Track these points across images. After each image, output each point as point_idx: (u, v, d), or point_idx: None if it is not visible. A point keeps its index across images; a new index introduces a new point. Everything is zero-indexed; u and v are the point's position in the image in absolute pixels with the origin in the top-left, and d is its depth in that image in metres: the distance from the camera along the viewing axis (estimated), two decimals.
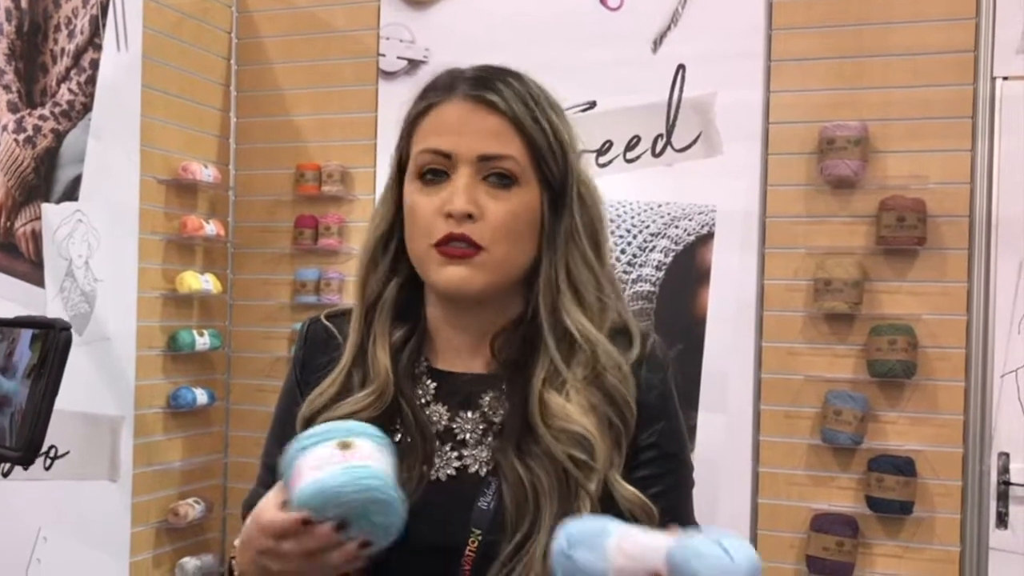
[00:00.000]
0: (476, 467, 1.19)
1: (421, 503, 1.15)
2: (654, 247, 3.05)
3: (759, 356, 2.99)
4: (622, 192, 3.09)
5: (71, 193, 2.89)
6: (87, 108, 2.95)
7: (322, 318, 1.31)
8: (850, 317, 2.89)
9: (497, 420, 1.20)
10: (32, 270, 2.77)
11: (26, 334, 0.72)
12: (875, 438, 2.87)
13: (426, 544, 1.15)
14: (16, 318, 0.76)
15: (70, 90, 2.92)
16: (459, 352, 1.24)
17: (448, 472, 1.20)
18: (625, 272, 3.06)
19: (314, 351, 1.29)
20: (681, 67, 3.05)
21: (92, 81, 2.98)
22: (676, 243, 3.03)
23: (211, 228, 3.38)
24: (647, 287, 3.04)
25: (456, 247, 1.14)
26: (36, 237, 2.79)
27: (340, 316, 1.30)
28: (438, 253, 1.15)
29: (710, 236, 3.01)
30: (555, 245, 1.18)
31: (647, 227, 3.06)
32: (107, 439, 2.83)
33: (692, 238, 3.03)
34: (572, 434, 1.15)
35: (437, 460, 1.20)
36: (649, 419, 1.19)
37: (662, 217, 3.06)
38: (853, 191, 2.90)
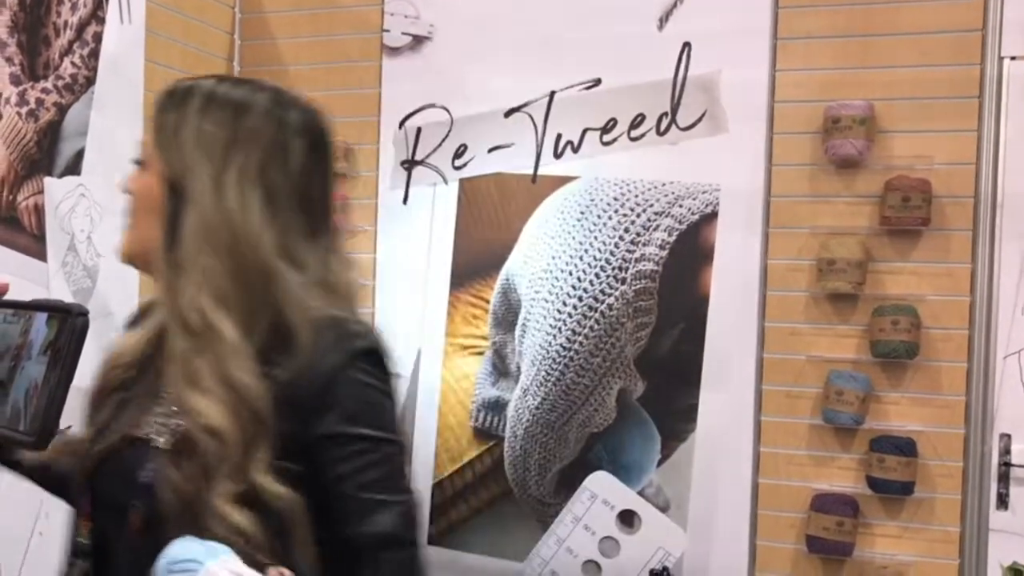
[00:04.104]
0: (160, 434, 1.22)
1: (115, 446, 1.23)
2: (657, 226, 3.04)
3: (762, 336, 2.99)
4: (626, 170, 3.08)
5: (74, 167, 2.89)
6: (90, 81, 2.94)
7: None
8: (853, 297, 2.89)
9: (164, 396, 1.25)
10: (34, 244, 2.77)
11: (42, 316, 0.71)
12: (877, 418, 2.87)
13: (106, 494, 1.24)
14: (33, 301, 0.75)
15: (73, 63, 2.91)
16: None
17: (158, 422, 1.23)
18: (628, 251, 3.06)
19: None
20: (687, 45, 3.03)
21: (95, 54, 2.96)
22: (680, 222, 3.03)
23: None
24: (650, 266, 3.03)
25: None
26: (38, 211, 2.78)
27: None
28: None
29: (714, 215, 3.00)
30: (188, 230, 1.24)
31: (651, 206, 3.05)
32: None
33: (696, 217, 3.02)
34: (203, 426, 1.17)
35: (160, 407, 1.24)
36: (314, 408, 1.21)
37: (666, 196, 3.05)
38: (858, 171, 2.89)
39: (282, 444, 1.19)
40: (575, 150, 3.15)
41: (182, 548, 1.09)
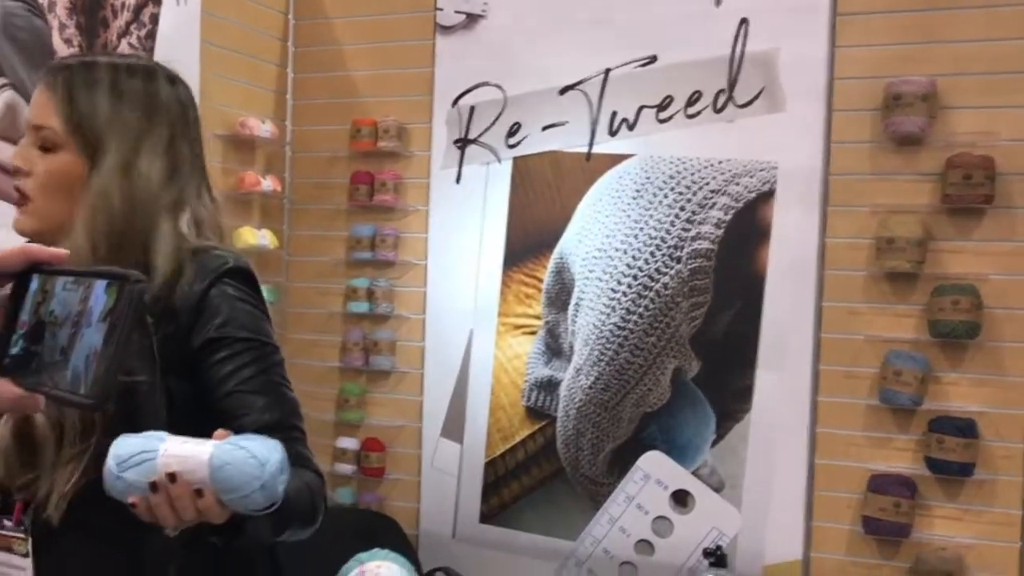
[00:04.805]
0: None
1: None
2: (714, 204, 3.02)
3: (819, 315, 2.96)
4: (682, 148, 3.06)
5: None
6: None
7: None
8: (912, 276, 2.85)
9: None
10: None
11: (100, 283, 0.73)
12: (936, 399, 2.84)
13: None
14: (91, 268, 0.76)
15: (130, 44, 2.94)
16: None
17: None
18: (684, 230, 3.04)
19: None
20: (744, 21, 3.00)
21: (152, 36, 2.99)
22: (737, 200, 3.00)
23: (268, 184, 3.39)
24: (706, 245, 3.01)
25: (16, 198, 1.41)
26: None
27: None
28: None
29: (771, 194, 2.97)
30: (87, 201, 1.38)
31: (707, 184, 3.03)
32: None
33: (753, 195, 2.99)
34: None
35: None
36: (190, 324, 1.34)
37: (722, 174, 3.02)
38: (919, 148, 2.85)
39: (163, 361, 1.31)
40: (630, 128, 3.13)
41: (124, 446, 1.13)
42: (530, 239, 3.27)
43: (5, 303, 0.80)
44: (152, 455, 1.12)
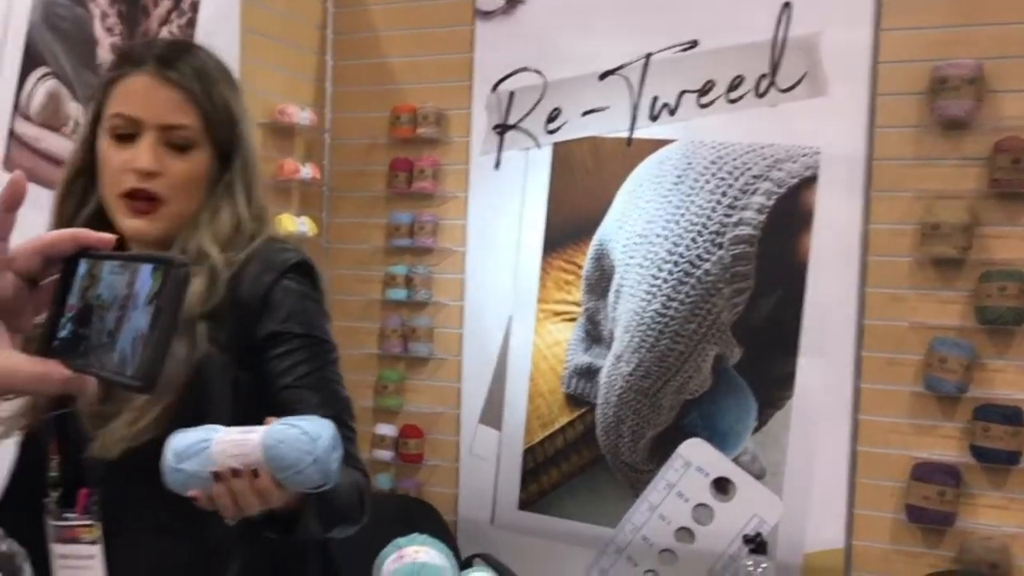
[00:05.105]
0: None
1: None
2: (756, 190, 2.99)
3: (862, 302, 2.93)
4: (723, 133, 3.04)
5: None
6: None
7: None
8: (958, 262, 2.82)
9: None
10: None
11: (146, 267, 0.74)
12: (981, 386, 2.80)
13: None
14: (137, 253, 0.77)
15: (171, 32, 2.95)
16: None
17: None
18: (725, 216, 3.02)
19: None
20: (787, 4, 2.97)
21: (192, 24, 3.00)
22: (779, 186, 2.97)
23: (307, 171, 3.40)
24: (748, 231, 2.99)
25: (140, 202, 1.35)
26: None
27: None
28: (125, 205, 1.36)
29: (814, 179, 2.95)
30: (214, 195, 1.39)
31: (749, 169, 3.01)
32: None
33: (795, 181, 2.96)
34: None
35: None
36: (262, 312, 1.35)
37: (764, 159, 3.00)
38: (965, 132, 2.81)
39: (235, 352, 1.34)
40: (672, 113, 3.11)
41: (181, 439, 1.16)
42: (570, 225, 3.26)
43: (54, 287, 0.81)
44: (207, 443, 1.14)
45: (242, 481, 1.13)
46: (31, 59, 2.49)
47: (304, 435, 1.13)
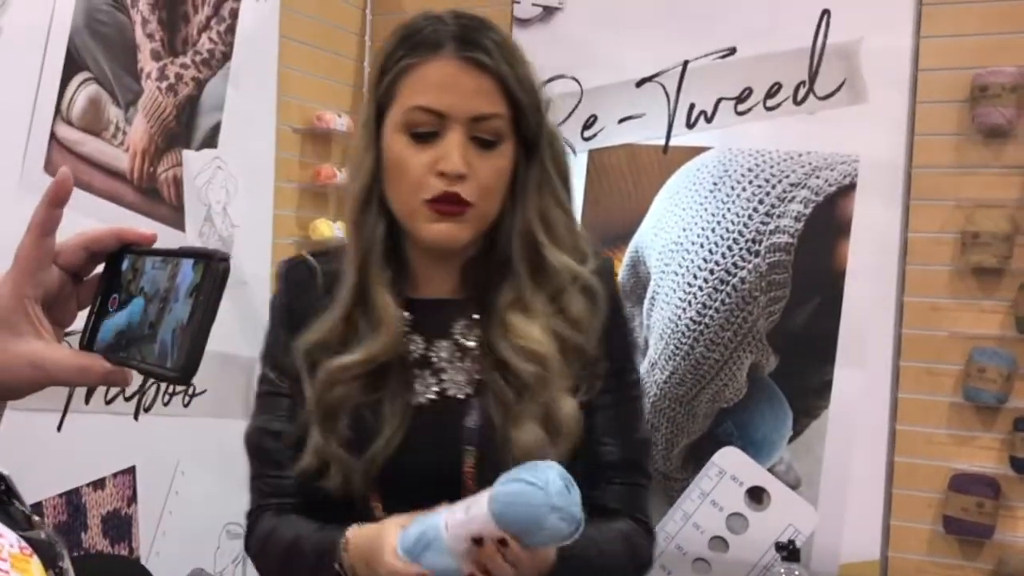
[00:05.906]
0: (454, 391, 1.27)
1: (408, 429, 1.25)
2: (793, 198, 2.98)
3: (900, 311, 2.90)
4: (761, 141, 3.02)
5: (210, 140, 2.96)
6: (227, 57, 3.00)
7: (308, 257, 1.37)
8: (998, 271, 2.78)
9: (471, 344, 1.28)
10: (173, 214, 2.85)
11: (188, 262, 0.75)
12: (1022, 397, 2.77)
13: (421, 467, 1.24)
14: (179, 248, 0.79)
15: (210, 39, 2.98)
16: (430, 281, 1.32)
17: (429, 397, 1.28)
18: (762, 224, 3.00)
19: (298, 293, 1.36)
20: (826, 12, 2.95)
21: (232, 30, 3.03)
22: (816, 194, 2.96)
23: (343, 177, 3.42)
24: (785, 239, 2.97)
25: (448, 205, 1.21)
26: (177, 183, 2.86)
27: (323, 255, 1.37)
28: (430, 209, 1.22)
29: (852, 187, 2.92)
30: (527, 193, 1.26)
31: (786, 177, 2.99)
32: (242, 379, 2.89)
33: (833, 189, 2.94)
34: (528, 351, 1.22)
35: (417, 386, 1.27)
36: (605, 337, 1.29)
37: (802, 167, 2.98)
38: (1007, 140, 2.78)
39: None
40: (708, 120, 3.10)
41: (403, 539, 1.11)
42: (606, 232, 3.26)
43: (98, 282, 0.83)
44: (435, 531, 1.08)
45: (487, 549, 1.05)
46: (73, 64, 2.52)
47: (530, 486, 1.03)
